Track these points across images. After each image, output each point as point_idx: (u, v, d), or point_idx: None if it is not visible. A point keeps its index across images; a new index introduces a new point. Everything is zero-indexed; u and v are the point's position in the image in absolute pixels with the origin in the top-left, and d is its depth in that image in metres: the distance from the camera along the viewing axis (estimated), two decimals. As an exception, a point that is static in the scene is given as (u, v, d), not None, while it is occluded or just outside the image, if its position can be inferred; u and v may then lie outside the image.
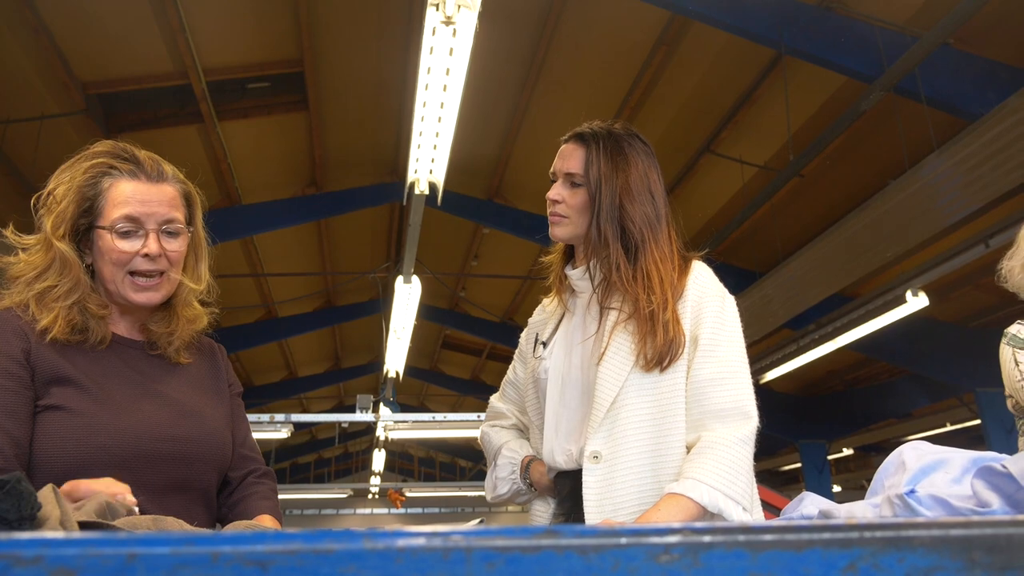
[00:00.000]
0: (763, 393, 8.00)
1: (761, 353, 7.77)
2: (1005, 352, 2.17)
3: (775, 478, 16.22)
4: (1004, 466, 0.70)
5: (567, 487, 1.60)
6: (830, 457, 11.85)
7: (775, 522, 0.39)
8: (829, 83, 5.11)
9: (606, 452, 1.49)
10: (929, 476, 0.92)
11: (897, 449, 1.02)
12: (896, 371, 9.22)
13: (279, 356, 11.42)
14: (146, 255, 1.22)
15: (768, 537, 0.40)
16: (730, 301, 1.60)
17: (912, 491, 0.78)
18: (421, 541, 0.36)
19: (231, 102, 5.67)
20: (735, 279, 6.98)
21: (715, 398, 1.46)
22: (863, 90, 4.38)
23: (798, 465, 12.97)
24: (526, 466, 1.70)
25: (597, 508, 1.49)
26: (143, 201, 1.25)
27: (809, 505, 0.96)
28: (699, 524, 0.40)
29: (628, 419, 1.49)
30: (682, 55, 5.16)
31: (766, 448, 12.89)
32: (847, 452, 14.86)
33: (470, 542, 0.37)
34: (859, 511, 0.86)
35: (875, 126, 5.27)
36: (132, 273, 1.23)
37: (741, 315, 1.63)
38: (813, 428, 11.02)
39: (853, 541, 0.41)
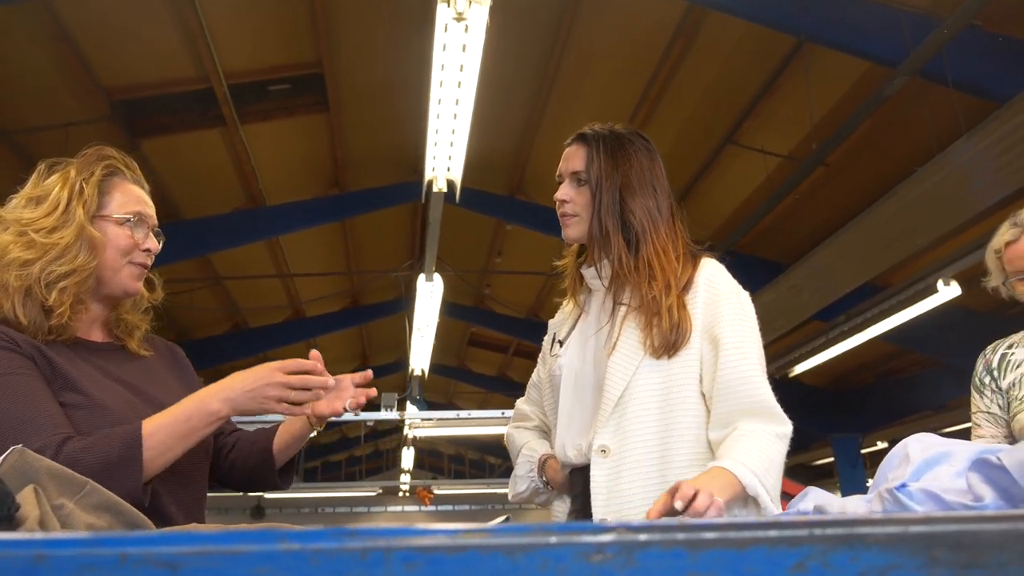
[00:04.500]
0: (793, 386, 7.94)
1: (791, 346, 7.67)
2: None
3: (808, 473, 16.01)
4: (999, 458, 0.67)
5: (579, 483, 1.62)
6: (864, 451, 11.64)
7: (718, 520, 0.37)
8: (852, 69, 5.01)
9: (614, 445, 1.51)
10: (933, 469, 0.89)
11: (902, 441, 0.99)
12: (929, 362, 9.04)
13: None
14: (146, 250, 1.34)
15: (709, 535, 0.38)
16: (746, 298, 1.61)
17: (903, 485, 0.75)
18: (337, 542, 0.35)
19: (252, 105, 5.72)
20: (761, 271, 6.90)
21: (747, 395, 1.47)
22: (887, 76, 4.29)
23: (831, 460, 12.78)
24: (542, 464, 1.72)
25: (605, 502, 1.51)
26: (145, 203, 1.37)
27: (807, 501, 0.93)
28: (634, 522, 0.38)
29: (636, 411, 1.51)
30: (700, 46, 5.10)
31: (798, 443, 12.58)
32: (881, 446, 14.59)
33: (389, 542, 0.35)
34: (852, 507, 0.83)
35: (901, 112, 5.15)
36: (129, 263, 1.32)
37: (770, 307, 1.64)
38: (845, 422, 10.84)
39: (801, 539, 0.39)
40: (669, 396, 1.50)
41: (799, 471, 14.86)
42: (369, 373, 1.33)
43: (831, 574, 0.39)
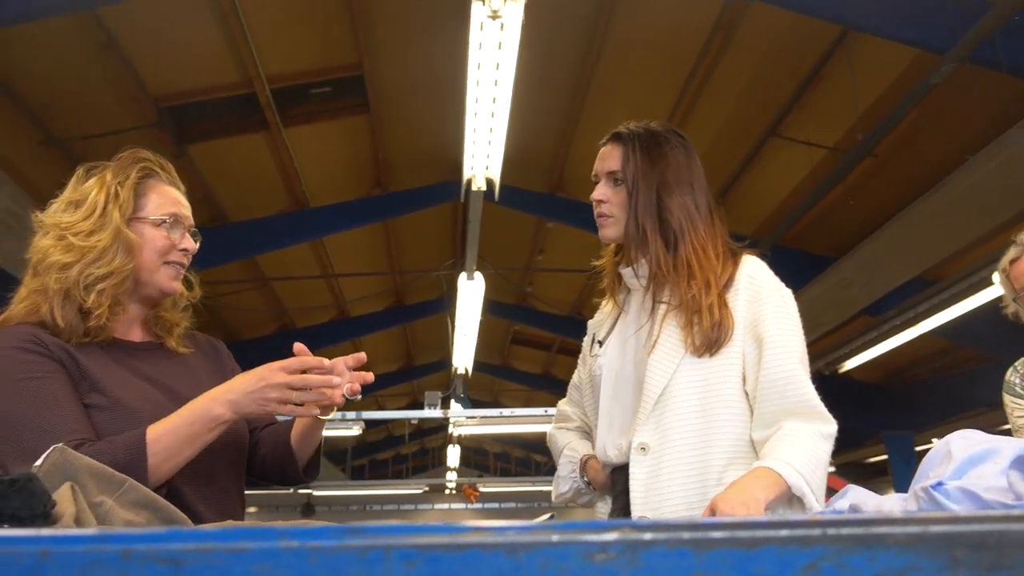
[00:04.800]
0: (844, 382, 7.77)
1: (840, 341, 7.50)
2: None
3: (861, 471, 15.66)
4: (1042, 456, 0.64)
5: (621, 481, 1.62)
6: (918, 448, 11.33)
7: (729, 518, 0.36)
8: (898, 57, 4.88)
9: (654, 443, 1.51)
10: (978, 467, 0.86)
11: (945, 438, 0.96)
12: (984, 357, 8.74)
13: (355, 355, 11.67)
14: (184, 250, 1.36)
15: (716, 535, 0.37)
16: (789, 295, 1.60)
17: (939, 483, 0.72)
18: (336, 540, 0.35)
19: (295, 108, 5.81)
20: (807, 265, 6.76)
21: (792, 395, 1.45)
22: (935, 63, 4.16)
23: (885, 457, 12.47)
24: (584, 464, 1.73)
25: (643, 500, 1.50)
26: (181, 203, 1.39)
27: (845, 499, 0.91)
28: (639, 520, 0.38)
29: (676, 410, 1.50)
30: (741, 38, 5.01)
31: (850, 440, 12.45)
32: (936, 443, 14.18)
33: (389, 540, 0.35)
34: (888, 505, 0.81)
35: (950, 100, 4.99)
36: (165, 263, 1.34)
37: (817, 302, 1.63)
38: (898, 418, 10.57)
39: (815, 539, 0.38)
40: (710, 394, 1.49)
41: (851, 469, 14.54)
42: (362, 356, 1.27)
43: (846, 575, 0.38)
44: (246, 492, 1.42)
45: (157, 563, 0.34)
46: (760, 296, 1.53)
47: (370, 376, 1.28)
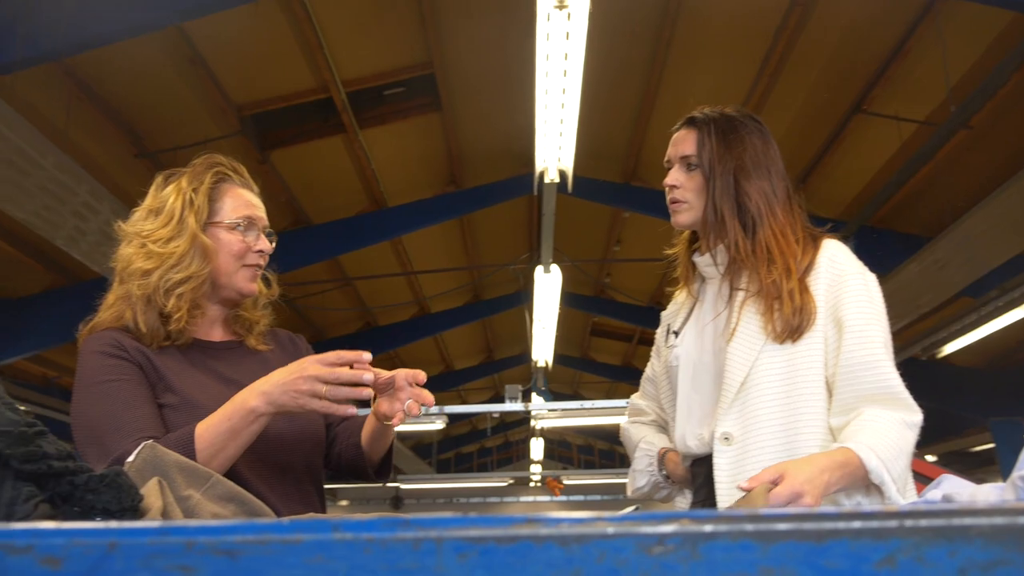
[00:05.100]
0: (943, 368, 7.44)
1: (938, 324, 7.15)
2: None
3: (966, 460, 14.90)
4: None
5: (702, 474, 1.60)
6: (1028, 436, 10.70)
7: (797, 509, 0.34)
8: (993, 22, 4.59)
9: (737, 433, 1.49)
10: (1087, 455, 0.80)
11: (1049, 425, 0.90)
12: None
13: (435, 351, 11.85)
14: (260, 251, 1.39)
15: (782, 527, 0.35)
16: (871, 279, 1.55)
17: (1039, 473, 0.67)
18: (390, 532, 0.35)
19: (370, 110, 5.92)
20: (899, 246, 6.46)
21: (872, 381, 1.41)
22: (1035, 24, 3.90)
23: (991, 445, 11.83)
24: (661, 457, 1.72)
25: (729, 491, 1.48)
26: (255, 206, 1.44)
27: (939, 489, 0.86)
28: (700, 512, 0.36)
29: (760, 398, 1.47)
30: (820, 12, 4.82)
31: (951, 427, 11.85)
32: (1044, 430, 13.36)
33: (441, 532, 0.35)
34: (982, 495, 0.76)
35: (1054, 64, 4.67)
36: (243, 266, 1.38)
37: (911, 284, 1.58)
38: (1005, 404, 9.99)
39: (891, 531, 0.35)
40: (793, 381, 1.45)
41: (954, 457, 13.86)
42: (421, 374, 1.24)
43: (926, 570, 0.35)
44: (338, 486, 1.45)
45: (215, 554, 0.35)
46: (841, 279, 1.49)
47: (429, 398, 1.25)
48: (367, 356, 1.15)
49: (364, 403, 1.26)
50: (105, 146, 5.34)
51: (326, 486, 1.46)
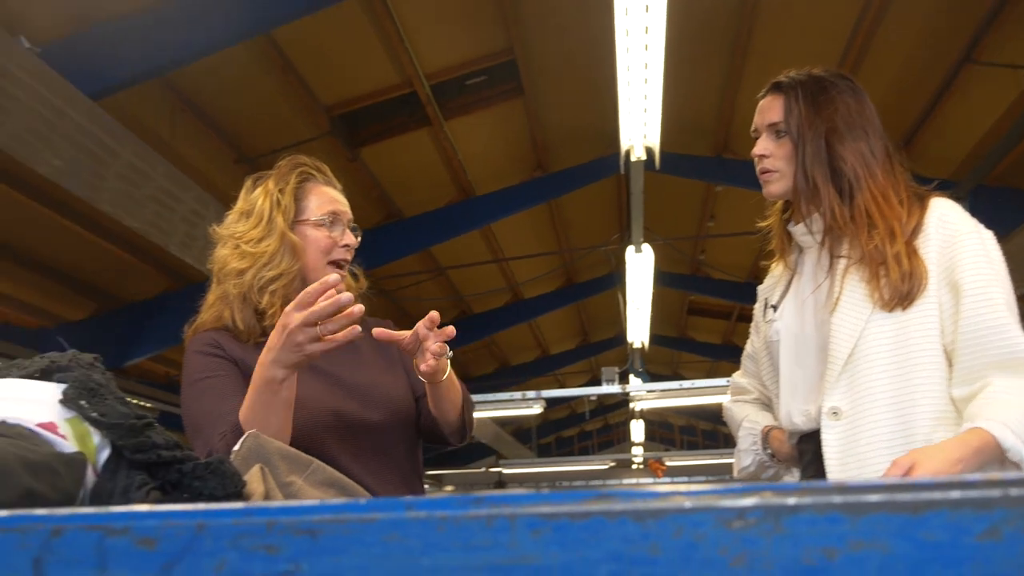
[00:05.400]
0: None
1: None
2: None
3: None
4: None
5: (810, 451, 1.55)
6: None
7: (886, 480, 0.33)
8: (1120, -49, 4.20)
9: (846, 407, 1.43)
10: None
11: None
12: None
13: (530, 336, 11.92)
14: (345, 246, 1.43)
15: (873, 498, 0.33)
16: (988, 236, 1.46)
17: None
18: (463, 509, 0.35)
19: (453, 101, 5.99)
20: (1018, 204, 6.02)
21: (999, 346, 1.32)
22: None
23: None
24: (765, 435, 1.69)
25: (840, 467, 1.44)
26: (339, 202, 1.48)
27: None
28: (783, 484, 0.34)
29: (870, 370, 1.41)
30: (920, -43, 4.53)
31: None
32: None
33: (514, 509, 0.35)
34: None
35: None
36: (329, 262, 1.43)
37: None
38: None
39: (994, 501, 0.33)
40: (906, 351, 1.38)
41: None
42: (435, 314, 1.21)
43: (1036, 542, 0.32)
44: (443, 472, 1.48)
45: (296, 534, 0.36)
46: (954, 240, 1.40)
47: (449, 331, 1.23)
48: (333, 278, 1.11)
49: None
50: (207, 154, 5.61)
51: (431, 472, 1.50)
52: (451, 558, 0.35)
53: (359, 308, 1.12)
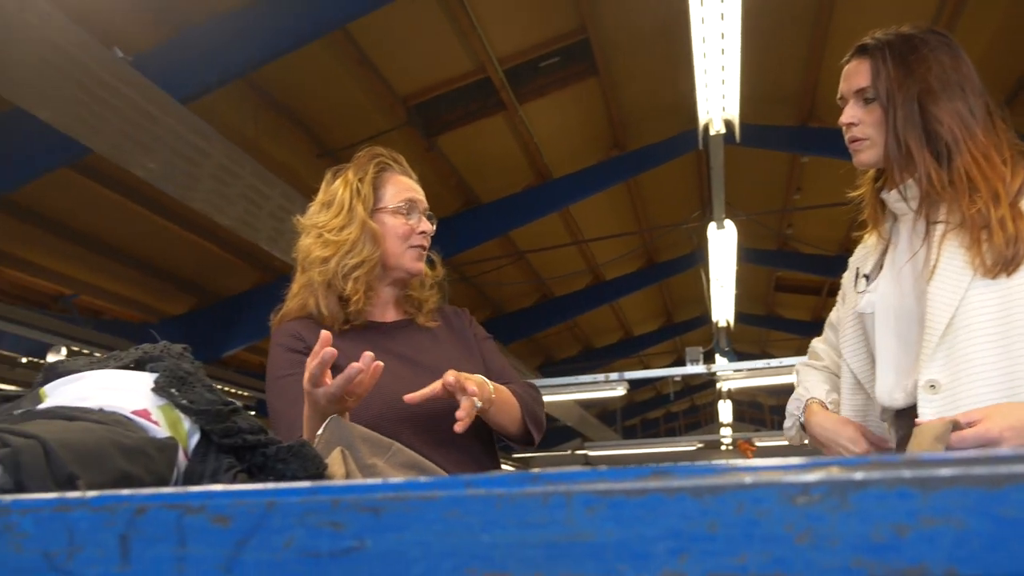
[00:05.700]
0: None
1: None
2: None
3: None
4: None
5: (904, 426, 1.48)
6: None
7: (960, 453, 0.31)
8: None
9: (945, 380, 1.35)
10: None
11: None
12: None
13: (612, 318, 11.83)
14: (423, 232, 1.48)
15: (946, 472, 0.32)
16: None
17: None
18: (519, 487, 0.36)
19: (527, 84, 5.97)
20: None
21: None
22: None
23: None
24: (806, 404, 1.65)
25: None
26: (415, 190, 1.52)
27: None
28: (847, 458, 0.33)
29: (970, 340, 1.33)
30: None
31: None
32: None
33: (570, 486, 0.35)
34: None
35: None
36: (409, 247, 1.47)
37: None
38: None
39: (1083, 474, 0.31)
40: (1011, 320, 1.30)
41: None
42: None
43: None
44: (531, 455, 1.50)
45: (360, 511, 0.37)
46: None
47: (473, 397, 1.24)
48: (328, 352, 1.12)
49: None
50: (290, 150, 5.79)
51: (517, 456, 1.52)
52: (509, 535, 0.35)
53: (332, 352, 1.13)
